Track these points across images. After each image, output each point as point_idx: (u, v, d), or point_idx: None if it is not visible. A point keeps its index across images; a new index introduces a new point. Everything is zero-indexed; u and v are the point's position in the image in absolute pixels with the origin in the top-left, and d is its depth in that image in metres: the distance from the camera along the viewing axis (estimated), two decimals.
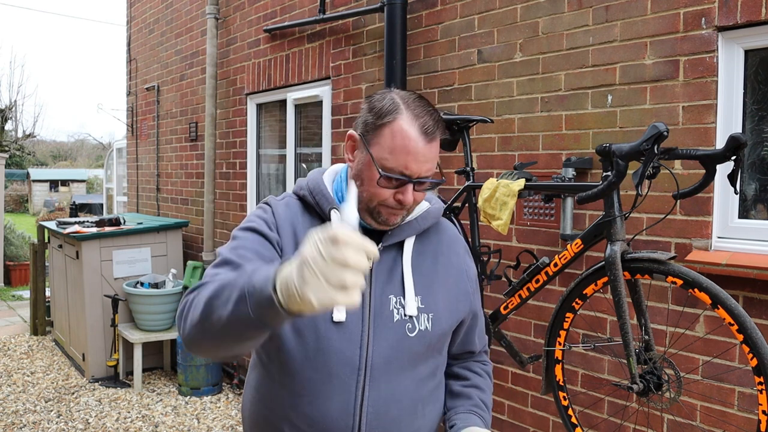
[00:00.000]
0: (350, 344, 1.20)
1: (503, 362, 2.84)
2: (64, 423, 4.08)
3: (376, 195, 1.20)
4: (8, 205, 27.48)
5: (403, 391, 1.24)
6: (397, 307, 1.24)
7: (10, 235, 9.91)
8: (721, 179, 2.09)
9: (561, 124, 2.57)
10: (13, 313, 7.42)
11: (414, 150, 1.17)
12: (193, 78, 5.50)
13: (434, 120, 1.20)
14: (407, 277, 1.26)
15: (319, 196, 1.28)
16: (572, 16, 2.52)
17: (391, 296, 1.25)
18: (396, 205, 1.21)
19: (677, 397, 1.81)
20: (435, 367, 1.33)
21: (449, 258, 1.36)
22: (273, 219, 1.27)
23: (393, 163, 1.17)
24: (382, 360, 1.21)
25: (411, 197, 1.19)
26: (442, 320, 1.29)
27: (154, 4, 6.29)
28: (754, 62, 2.15)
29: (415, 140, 1.17)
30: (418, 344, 1.25)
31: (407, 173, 1.17)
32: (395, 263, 1.28)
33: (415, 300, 1.26)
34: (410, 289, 1.26)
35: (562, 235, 2.51)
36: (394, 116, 1.18)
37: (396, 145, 1.17)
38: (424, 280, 1.29)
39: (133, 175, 6.90)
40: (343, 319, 1.20)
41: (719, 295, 1.64)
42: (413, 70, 3.23)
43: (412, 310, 1.24)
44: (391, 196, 1.20)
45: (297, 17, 4.09)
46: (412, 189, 1.19)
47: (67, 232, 4.99)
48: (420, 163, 1.18)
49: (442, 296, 1.30)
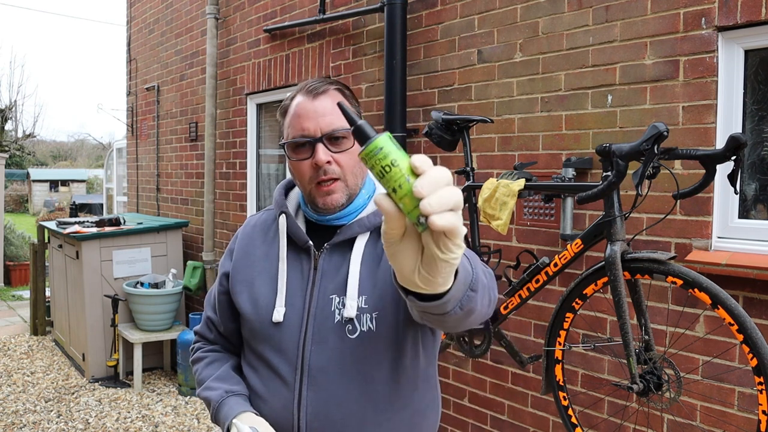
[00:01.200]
0: (289, 344, 1.23)
1: (503, 362, 2.84)
2: (64, 423, 4.08)
3: (299, 175, 1.23)
4: (8, 205, 27.47)
5: (348, 394, 1.19)
6: (338, 307, 1.21)
7: (10, 235, 9.91)
8: (721, 179, 2.09)
9: (561, 124, 2.57)
10: (13, 313, 7.42)
11: (303, 111, 1.21)
12: (193, 78, 5.50)
13: (320, 80, 1.24)
14: (352, 277, 1.21)
15: (275, 203, 1.34)
16: (572, 16, 2.52)
17: (334, 296, 1.22)
18: (316, 174, 1.20)
19: (677, 397, 1.81)
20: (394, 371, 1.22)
21: None
22: (232, 243, 1.40)
23: (291, 131, 1.23)
24: (321, 361, 1.20)
25: (323, 156, 1.18)
26: (388, 318, 1.19)
27: (154, 4, 6.29)
28: (754, 62, 2.15)
29: (303, 102, 1.22)
30: (362, 346, 1.19)
31: (306, 133, 1.20)
32: (344, 262, 1.23)
33: (358, 300, 1.20)
34: (353, 290, 1.20)
35: (562, 235, 2.51)
36: (289, 102, 1.26)
37: (290, 118, 1.23)
38: (373, 279, 1.22)
39: (133, 175, 6.90)
40: (281, 319, 1.23)
41: (719, 295, 1.64)
42: (413, 70, 3.23)
43: (351, 311, 1.19)
44: (309, 166, 1.21)
45: (297, 17, 4.09)
46: (324, 148, 1.19)
47: (67, 232, 4.99)
48: (313, 119, 1.19)
49: (391, 294, 1.21)
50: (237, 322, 1.37)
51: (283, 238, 1.28)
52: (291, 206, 1.32)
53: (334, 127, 1.19)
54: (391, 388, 1.22)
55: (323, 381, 1.20)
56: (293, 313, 1.23)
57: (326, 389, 1.20)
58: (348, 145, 1.20)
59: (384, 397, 1.21)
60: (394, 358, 1.22)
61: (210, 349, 1.43)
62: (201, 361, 1.42)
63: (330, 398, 1.19)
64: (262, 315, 1.26)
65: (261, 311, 1.26)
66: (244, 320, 1.30)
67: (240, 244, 1.36)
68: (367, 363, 1.20)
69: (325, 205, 1.22)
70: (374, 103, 3.48)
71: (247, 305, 1.28)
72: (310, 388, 1.20)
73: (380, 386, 1.21)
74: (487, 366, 2.92)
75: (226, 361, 1.39)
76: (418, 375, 1.27)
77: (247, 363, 1.34)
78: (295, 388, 1.21)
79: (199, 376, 1.40)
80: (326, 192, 1.21)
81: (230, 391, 1.28)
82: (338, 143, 1.20)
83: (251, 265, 1.31)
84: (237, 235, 1.40)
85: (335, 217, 1.25)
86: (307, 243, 1.26)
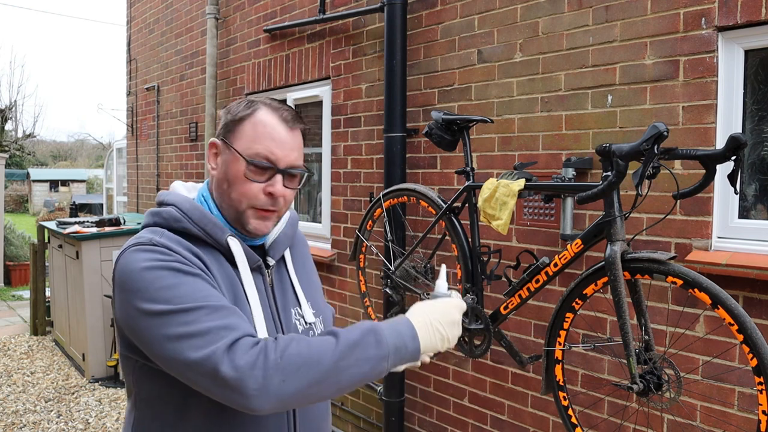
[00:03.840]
0: None
1: (503, 362, 2.84)
2: (64, 423, 4.08)
3: (245, 193, 1.16)
4: (8, 205, 27.47)
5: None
6: (297, 317, 1.27)
7: (10, 235, 9.91)
8: (721, 179, 2.09)
9: (561, 124, 2.57)
10: (13, 313, 7.42)
11: (278, 136, 1.17)
12: (193, 78, 5.50)
13: (292, 114, 1.22)
14: (298, 287, 1.29)
15: (210, 225, 1.16)
16: (572, 16, 2.52)
17: (292, 309, 1.28)
18: (267, 202, 1.17)
19: (677, 397, 1.80)
20: None
21: (308, 255, 1.43)
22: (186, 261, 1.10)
23: (258, 149, 1.15)
24: None
25: (281, 189, 1.16)
26: (328, 318, 1.36)
27: (154, 4, 6.29)
28: (754, 62, 2.15)
29: (278, 127, 1.17)
30: None
31: (273, 159, 1.16)
32: (284, 276, 1.30)
33: (309, 308, 1.30)
34: (303, 298, 1.30)
35: (562, 235, 2.51)
36: (253, 110, 1.19)
37: (258, 133, 1.16)
38: (306, 285, 1.33)
39: (133, 175, 6.90)
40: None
41: (719, 295, 1.64)
42: (413, 70, 3.23)
43: (310, 317, 1.29)
44: (261, 191, 1.16)
45: (297, 17, 4.09)
46: (282, 181, 1.17)
47: (67, 232, 4.99)
48: (285, 150, 1.17)
49: (319, 295, 1.38)
50: None
51: (242, 261, 1.19)
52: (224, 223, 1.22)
53: (296, 165, 1.20)
54: None
55: None
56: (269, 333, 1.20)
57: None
58: (297, 184, 1.22)
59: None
60: None
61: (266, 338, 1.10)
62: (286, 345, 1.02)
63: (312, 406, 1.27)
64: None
65: None
66: None
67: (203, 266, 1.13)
68: None
69: (256, 230, 1.19)
70: (374, 103, 3.48)
71: None
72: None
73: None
74: (487, 366, 2.92)
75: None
76: None
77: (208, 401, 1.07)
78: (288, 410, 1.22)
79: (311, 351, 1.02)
80: (263, 218, 1.19)
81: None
82: (293, 180, 1.21)
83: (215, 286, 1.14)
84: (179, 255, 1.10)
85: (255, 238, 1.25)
86: (258, 262, 1.23)
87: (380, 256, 2.98)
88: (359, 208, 3.60)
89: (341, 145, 3.72)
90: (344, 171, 3.71)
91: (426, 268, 2.70)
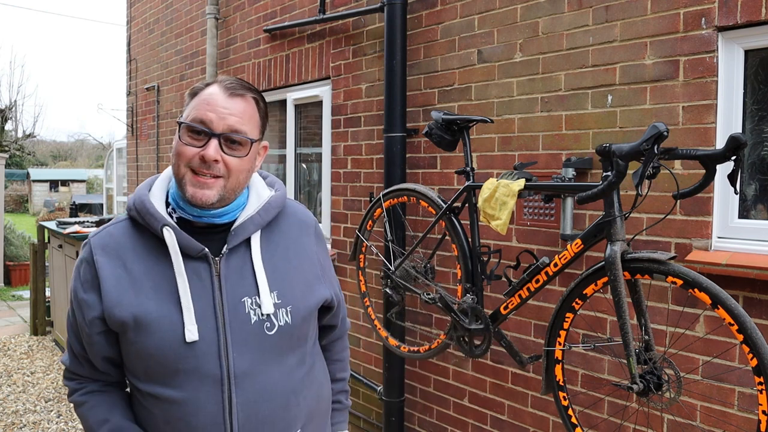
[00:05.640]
0: (209, 359, 1.18)
1: (503, 362, 2.84)
2: (64, 423, 4.08)
3: (181, 157, 1.18)
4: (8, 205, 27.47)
5: (272, 388, 1.23)
6: (253, 308, 1.22)
7: (10, 235, 9.91)
8: (721, 179, 2.09)
9: (561, 124, 2.57)
10: (13, 313, 7.42)
11: (213, 101, 1.18)
12: (193, 78, 5.50)
13: (238, 83, 1.22)
14: (259, 275, 1.23)
15: (147, 215, 1.21)
16: (572, 16, 2.52)
17: (246, 298, 1.22)
18: (201, 165, 1.17)
19: (677, 397, 1.80)
20: (303, 354, 1.32)
21: (299, 242, 1.35)
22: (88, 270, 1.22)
23: (193, 115, 1.19)
24: (245, 365, 1.20)
25: (213, 153, 1.16)
26: (301, 309, 1.28)
27: (154, 4, 6.29)
28: (754, 62, 2.15)
29: (215, 93, 1.19)
30: (280, 339, 1.24)
31: (206, 121, 1.17)
32: (244, 263, 1.24)
33: (271, 296, 1.24)
34: (264, 287, 1.23)
35: (562, 235, 2.51)
36: (203, 87, 1.22)
37: (199, 102, 1.20)
38: (279, 273, 1.27)
39: (133, 175, 6.90)
40: (196, 338, 1.17)
41: (719, 295, 1.64)
42: (413, 70, 3.23)
43: (269, 307, 1.22)
44: (196, 155, 1.17)
45: (297, 17, 4.09)
46: (217, 145, 1.17)
47: (67, 232, 4.99)
48: (220, 116, 1.17)
49: (298, 284, 1.29)
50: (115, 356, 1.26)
51: (175, 252, 1.19)
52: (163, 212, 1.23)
53: (236, 130, 1.19)
54: (301, 371, 1.30)
55: (249, 383, 1.21)
56: (205, 327, 1.18)
57: (253, 390, 1.21)
58: (243, 152, 1.20)
59: (299, 380, 1.29)
60: (302, 344, 1.31)
61: (88, 391, 1.30)
62: (82, 405, 1.28)
63: (258, 397, 1.22)
64: (169, 339, 1.17)
65: (166, 336, 1.17)
66: (144, 351, 1.18)
67: (106, 272, 1.20)
68: (284, 354, 1.26)
69: (194, 197, 1.18)
70: (374, 103, 3.48)
71: (147, 335, 1.17)
72: (239, 394, 1.20)
73: (295, 372, 1.28)
74: (487, 366, 2.92)
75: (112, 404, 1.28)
76: (316, 352, 1.40)
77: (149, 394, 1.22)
78: (224, 398, 1.19)
79: (86, 423, 1.27)
80: (200, 184, 1.18)
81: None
82: (233, 147, 1.19)
83: (133, 291, 1.19)
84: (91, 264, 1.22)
85: (213, 215, 1.23)
86: (203, 251, 1.21)
87: (380, 256, 2.98)
88: (359, 208, 3.60)
89: (341, 145, 3.72)
90: (344, 171, 3.71)
91: (426, 268, 2.70)
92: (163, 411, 1.20)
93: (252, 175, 1.30)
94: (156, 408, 1.21)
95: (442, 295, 2.51)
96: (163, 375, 1.19)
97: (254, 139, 1.22)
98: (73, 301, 1.25)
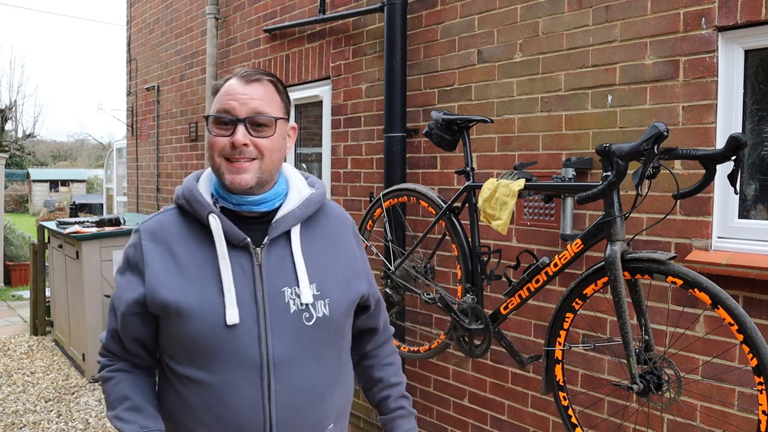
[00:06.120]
0: (248, 345, 1.22)
1: (503, 362, 2.84)
2: (64, 423, 4.08)
3: (214, 148, 1.24)
4: (8, 205, 27.48)
5: (310, 380, 1.27)
6: (292, 297, 1.26)
7: (10, 235, 9.91)
8: (721, 179, 2.09)
9: (561, 124, 2.57)
10: (13, 313, 7.42)
11: (233, 91, 1.25)
12: (193, 78, 5.50)
13: (255, 69, 1.29)
14: (299, 266, 1.28)
15: (195, 203, 1.28)
16: (572, 16, 2.52)
17: (285, 288, 1.26)
18: (233, 151, 1.23)
19: (677, 397, 1.80)
20: (339, 350, 1.35)
21: (338, 239, 1.39)
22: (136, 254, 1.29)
23: (217, 107, 1.26)
24: (284, 353, 1.24)
25: (242, 138, 1.22)
26: (340, 303, 1.31)
27: (154, 4, 6.29)
28: (754, 62, 2.15)
29: (234, 84, 1.26)
30: (318, 331, 1.28)
31: (230, 109, 1.23)
32: (285, 254, 1.29)
33: (310, 288, 1.28)
34: (303, 278, 1.27)
35: (562, 235, 2.51)
36: (223, 83, 1.29)
37: (220, 95, 1.27)
38: (317, 267, 1.31)
39: (133, 175, 6.90)
40: (237, 321, 1.21)
41: (719, 295, 1.64)
42: (413, 70, 3.23)
43: (308, 297, 1.26)
44: (228, 144, 1.23)
45: (297, 17, 4.09)
46: (244, 129, 1.22)
47: (67, 232, 4.99)
48: (242, 102, 1.23)
49: (336, 279, 1.33)
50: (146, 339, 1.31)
51: (220, 239, 1.25)
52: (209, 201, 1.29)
53: (259, 111, 1.24)
54: (337, 367, 1.34)
55: (288, 372, 1.24)
56: (246, 313, 1.22)
57: (291, 379, 1.24)
58: (269, 132, 1.25)
59: (333, 376, 1.33)
60: (338, 340, 1.34)
61: (117, 368, 1.35)
62: (108, 381, 1.34)
63: (295, 387, 1.25)
64: (210, 322, 1.21)
65: (208, 318, 1.21)
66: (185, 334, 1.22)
67: (152, 257, 1.26)
68: (321, 347, 1.29)
69: (233, 183, 1.24)
70: (374, 103, 3.48)
71: (188, 318, 1.21)
72: (278, 381, 1.23)
73: (330, 367, 1.32)
74: (487, 366, 2.92)
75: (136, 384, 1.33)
76: (348, 352, 1.42)
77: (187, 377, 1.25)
78: (263, 384, 1.22)
79: (108, 398, 1.33)
80: (237, 170, 1.23)
81: (145, 427, 1.25)
82: (260, 129, 1.24)
83: (177, 274, 1.24)
84: (138, 248, 1.29)
85: (253, 202, 1.28)
86: (245, 240, 1.26)
87: (380, 256, 2.98)
88: (359, 208, 3.60)
89: (341, 145, 3.72)
90: (344, 171, 3.71)
91: (426, 268, 2.70)
92: (200, 395, 1.23)
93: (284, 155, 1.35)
94: (193, 392, 1.24)
95: (442, 295, 2.51)
96: (203, 358, 1.23)
97: (278, 116, 1.27)
98: (116, 283, 1.33)
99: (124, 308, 1.27)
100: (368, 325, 1.49)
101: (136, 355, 1.34)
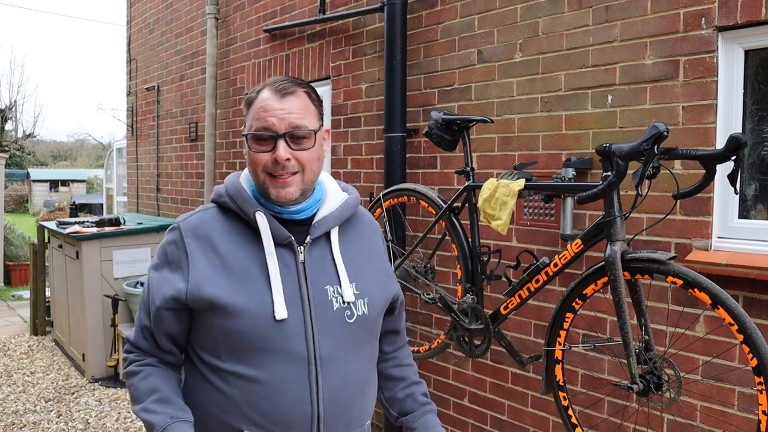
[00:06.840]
0: (296, 339, 1.24)
1: (503, 362, 2.84)
2: (64, 423, 4.08)
3: (257, 163, 1.26)
4: (8, 205, 27.48)
5: (353, 375, 1.31)
6: (335, 296, 1.30)
7: (10, 235, 9.91)
8: (721, 179, 2.09)
9: (561, 124, 2.57)
10: (13, 313, 7.42)
11: (270, 106, 1.25)
12: (193, 78, 5.50)
13: (290, 80, 1.29)
14: (340, 266, 1.33)
15: (241, 200, 1.30)
16: (572, 16, 2.52)
17: (328, 287, 1.30)
18: (275, 167, 1.25)
19: (677, 397, 1.80)
20: (373, 348, 1.41)
21: (371, 242, 1.45)
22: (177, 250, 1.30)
23: (257, 125, 1.26)
24: (329, 349, 1.27)
25: (283, 153, 1.24)
26: (377, 303, 1.37)
27: (154, 4, 6.29)
28: (754, 62, 2.15)
29: (270, 99, 1.26)
30: (358, 329, 1.32)
31: (269, 126, 1.24)
32: (325, 254, 1.33)
33: (351, 287, 1.32)
34: (345, 277, 1.32)
35: (562, 235, 2.51)
36: (256, 94, 1.29)
37: (256, 110, 1.27)
38: (355, 267, 1.36)
39: (133, 175, 6.90)
40: (286, 316, 1.23)
41: (719, 295, 1.64)
42: (413, 70, 3.23)
43: (350, 296, 1.31)
44: (269, 160, 1.25)
45: (297, 17, 4.09)
46: (285, 145, 1.24)
47: (67, 232, 4.99)
48: (279, 117, 1.25)
49: (372, 280, 1.38)
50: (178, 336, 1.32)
51: (267, 235, 1.28)
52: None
53: (297, 126, 1.25)
54: (371, 364, 1.40)
55: (333, 367, 1.27)
56: (292, 309, 1.25)
57: (337, 374, 1.28)
58: (309, 144, 1.28)
59: (369, 373, 1.38)
60: (373, 338, 1.40)
61: (145, 363, 1.35)
62: (136, 375, 1.33)
63: (341, 381, 1.28)
64: (258, 317, 1.22)
65: (256, 313, 1.22)
66: (232, 329, 1.23)
67: (197, 254, 1.27)
68: (360, 344, 1.34)
69: (278, 197, 1.27)
70: (374, 103, 3.48)
71: (236, 313, 1.22)
72: (324, 375, 1.25)
73: (366, 364, 1.37)
74: (487, 366, 2.92)
75: (164, 378, 1.33)
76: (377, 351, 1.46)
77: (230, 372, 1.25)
78: (310, 378, 1.24)
79: (135, 392, 1.32)
80: (281, 184, 1.26)
81: (175, 417, 1.24)
82: (299, 142, 1.26)
83: (223, 271, 1.26)
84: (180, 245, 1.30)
85: (294, 211, 1.31)
86: (289, 239, 1.29)
87: None
88: None
89: (341, 145, 3.72)
90: (344, 171, 3.71)
91: (426, 268, 2.70)
92: (245, 391, 1.24)
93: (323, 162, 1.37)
94: (237, 388, 1.25)
95: (442, 295, 2.51)
96: (249, 354, 1.24)
97: (315, 129, 1.29)
98: (151, 279, 1.34)
99: (159, 302, 1.28)
100: (391, 326, 1.54)
101: (167, 352, 1.35)
